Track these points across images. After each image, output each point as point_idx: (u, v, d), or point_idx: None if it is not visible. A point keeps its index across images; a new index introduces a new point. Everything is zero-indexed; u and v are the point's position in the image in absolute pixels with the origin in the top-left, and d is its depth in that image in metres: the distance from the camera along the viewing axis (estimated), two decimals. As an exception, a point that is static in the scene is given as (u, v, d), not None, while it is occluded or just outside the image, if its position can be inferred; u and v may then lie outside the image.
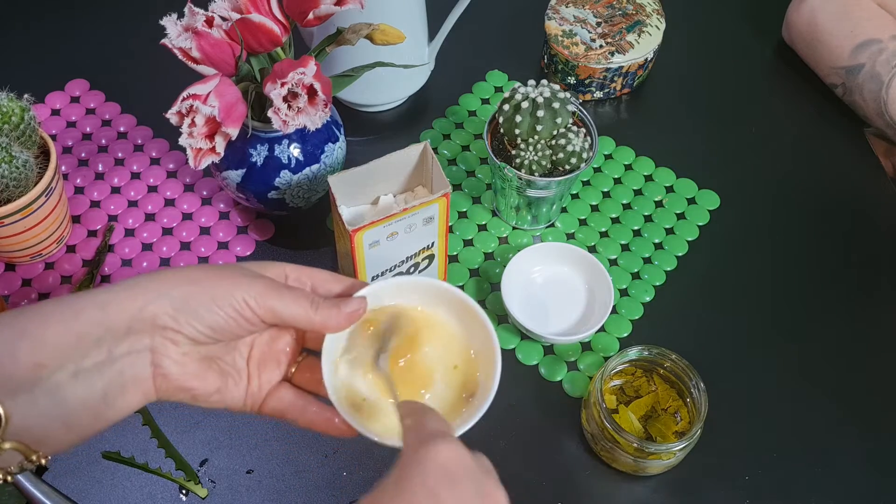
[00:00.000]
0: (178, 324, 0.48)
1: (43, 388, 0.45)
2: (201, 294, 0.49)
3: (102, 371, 0.47)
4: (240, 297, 0.49)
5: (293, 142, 0.78)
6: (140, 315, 0.48)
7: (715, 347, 0.82)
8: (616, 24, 0.97)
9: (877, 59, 0.92)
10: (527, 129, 0.81)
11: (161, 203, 0.89)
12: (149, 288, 0.48)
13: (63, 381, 0.46)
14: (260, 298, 0.49)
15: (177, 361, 0.49)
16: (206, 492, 0.72)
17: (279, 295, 0.50)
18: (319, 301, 0.51)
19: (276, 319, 0.51)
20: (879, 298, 0.86)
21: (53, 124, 0.94)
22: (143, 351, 0.48)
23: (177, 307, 0.48)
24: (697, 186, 0.93)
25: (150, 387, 0.49)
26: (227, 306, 0.49)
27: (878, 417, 0.78)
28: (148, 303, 0.48)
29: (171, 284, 0.49)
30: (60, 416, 0.46)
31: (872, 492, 0.74)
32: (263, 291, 0.50)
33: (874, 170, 0.96)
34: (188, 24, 0.70)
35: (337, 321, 0.52)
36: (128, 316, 0.47)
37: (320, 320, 0.51)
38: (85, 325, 0.47)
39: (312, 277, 0.54)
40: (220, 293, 0.49)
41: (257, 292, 0.49)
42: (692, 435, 0.69)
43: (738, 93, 1.02)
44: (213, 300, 0.49)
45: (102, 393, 0.47)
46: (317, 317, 0.51)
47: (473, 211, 0.90)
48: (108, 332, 0.47)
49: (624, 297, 0.84)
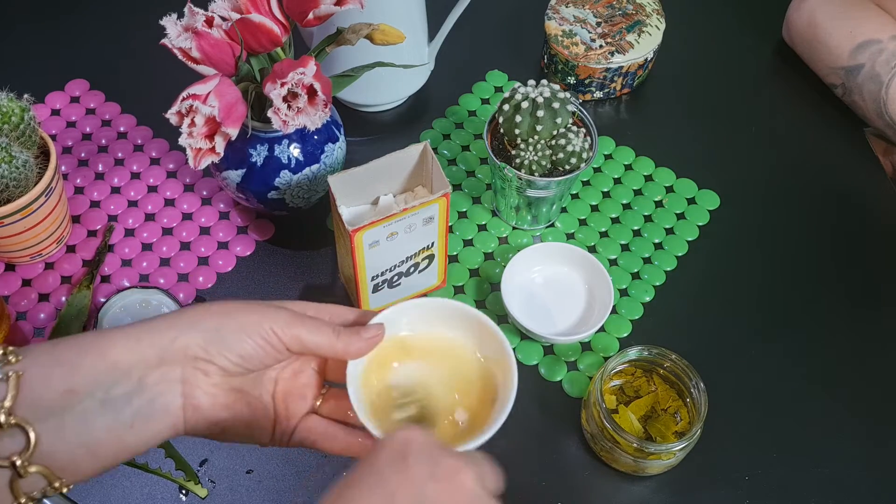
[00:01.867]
0: (209, 354, 0.50)
1: (72, 415, 0.46)
2: (231, 324, 0.51)
3: (132, 399, 0.48)
4: (267, 327, 0.51)
5: (293, 142, 0.78)
6: (172, 346, 0.49)
7: (715, 348, 0.82)
8: (616, 23, 0.97)
9: (876, 59, 0.92)
10: (527, 129, 0.81)
11: (161, 203, 0.89)
12: (180, 321, 0.50)
13: (92, 409, 0.47)
14: (286, 327, 0.51)
15: (207, 392, 0.51)
16: (206, 492, 0.72)
17: (303, 324, 0.52)
18: (340, 329, 0.54)
19: (301, 348, 0.53)
20: (880, 298, 0.86)
21: (53, 124, 0.94)
22: (174, 381, 0.50)
23: (208, 338, 0.50)
24: (697, 186, 0.93)
25: (178, 418, 0.50)
26: (256, 335, 0.51)
27: (879, 417, 0.78)
28: (180, 334, 0.49)
29: (201, 317, 0.51)
30: (86, 442, 0.47)
31: (872, 492, 0.74)
32: (289, 321, 0.52)
33: (873, 169, 0.96)
34: (188, 24, 0.70)
35: (358, 347, 0.54)
36: (160, 347, 0.49)
37: (342, 346, 0.53)
38: (118, 354, 0.48)
39: (327, 311, 0.56)
40: (249, 323, 0.51)
41: (284, 322, 0.52)
42: (692, 435, 0.69)
43: (738, 93, 1.02)
44: (242, 329, 0.51)
45: (130, 422, 0.48)
46: (339, 343, 0.53)
47: (473, 211, 0.90)
48: (140, 361, 0.48)
49: (624, 297, 0.84)
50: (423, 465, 0.44)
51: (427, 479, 0.44)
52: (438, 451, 0.46)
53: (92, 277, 0.83)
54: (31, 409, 0.45)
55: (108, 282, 0.84)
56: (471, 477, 0.45)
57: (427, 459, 0.45)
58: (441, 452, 0.46)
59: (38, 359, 0.47)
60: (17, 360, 0.46)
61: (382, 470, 0.44)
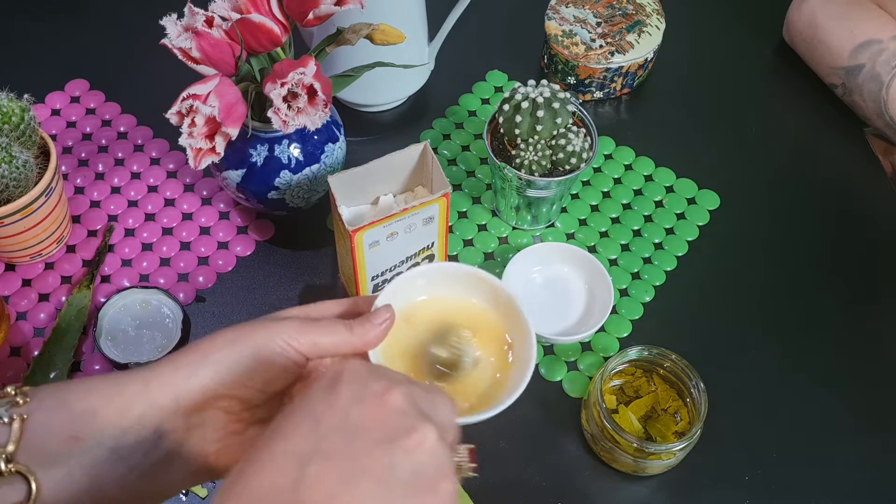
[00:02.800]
0: (228, 389, 0.47)
1: (78, 463, 0.44)
2: (243, 350, 0.48)
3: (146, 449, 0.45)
4: (281, 341, 0.48)
5: (293, 142, 0.78)
6: (186, 386, 0.46)
7: (715, 347, 0.82)
8: (616, 24, 0.97)
9: (877, 59, 0.92)
10: (527, 130, 0.81)
11: (161, 203, 0.89)
12: (190, 359, 0.47)
13: (100, 458, 0.44)
14: (299, 336, 0.49)
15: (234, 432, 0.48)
16: (206, 492, 0.72)
17: (315, 327, 0.50)
18: (352, 323, 0.51)
19: (319, 352, 0.50)
20: (880, 298, 0.86)
21: (53, 124, 0.94)
22: (194, 427, 0.47)
23: (223, 371, 0.47)
24: (697, 186, 0.93)
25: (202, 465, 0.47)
26: (272, 353, 0.48)
27: (879, 417, 0.78)
28: (193, 373, 0.47)
29: (210, 350, 0.48)
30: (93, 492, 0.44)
31: (872, 492, 0.74)
32: (300, 328, 0.49)
33: (874, 170, 0.96)
34: (188, 24, 0.70)
35: (374, 335, 0.52)
36: (173, 389, 0.46)
37: (359, 339, 0.51)
38: (126, 400, 0.45)
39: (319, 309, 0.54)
40: (261, 344, 0.48)
41: (295, 331, 0.49)
42: (692, 435, 0.69)
43: (739, 93, 1.02)
44: (256, 354, 0.48)
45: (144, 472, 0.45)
46: (354, 337, 0.51)
47: (473, 211, 0.90)
48: (152, 407, 0.46)
49: (624, 297, 0.84)
50: (350, 388, 0.42)
51: (352, 403, 0.41)
52: (369, 375, 0.43)
53: (92, 277, 0.83)
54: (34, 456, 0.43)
55: (109, 282, 0.84)
56: (399, 396, 0.42)
57: (355, 383, 0.42)
58: (372, 375, 0.43)
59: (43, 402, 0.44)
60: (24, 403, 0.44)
61: (311, 399, 0.42)
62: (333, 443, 0.39)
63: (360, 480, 0.38)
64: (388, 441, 0.40)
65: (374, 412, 0.41)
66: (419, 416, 0.42)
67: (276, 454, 0.39)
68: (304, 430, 0.40)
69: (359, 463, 0.39)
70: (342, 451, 0.39)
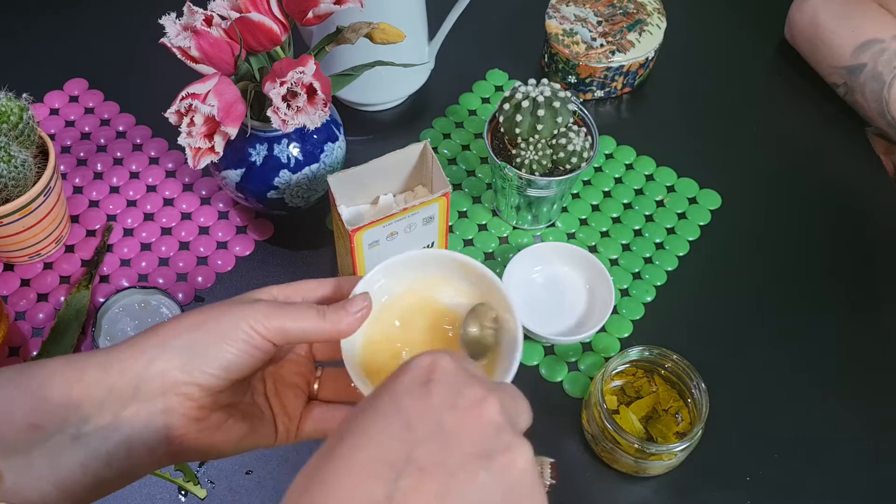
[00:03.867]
0: (189, 375, 0.46)
1: (40, 451, 0.43)
2: (207, 336, 0.46)
3: (107, 435, 0.45)
4: (246, 327, 0.47)
5: (292, 141, 0.77)
6: (146, 373, 0.45)
7: (716, 348, 0.82)
8: (617, 22, 0.97)
9: (879, 58, 0.91)
10: (527, 129, 0.80)
11: (160, 203, 0.89)
12: (150, 343, 0.46)
13: (62, 445, 0.44)
14: (266, 321, 0.47)
15: (195, 418, 0.47)
16: (205, 493, 0.72)
17: (283, 313, 0.48)
18: (324, 309, 0.49)
19: (287, 339, 0.48)
20: (881, 298, 0.86)
21: (52, 124, 0.94)
22: (154, 413, 0.46)
23: (184, 357, 0.46)
24: (699, 186, 0.92)
25: (162, 451, 0.46)
26: (237, 340, 0.47)
27: (880, 418, 0.78)
28: (153, 358, 0.45)
29: (172, 335, 0.46)
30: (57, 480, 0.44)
31: (872, 492, 0.74)
32: (267, 313, 0.47)
33: (875, 169, 0.95)
34: (187, 22, 0.70)
35: (347, 323, 0.49)
36: (133, 375, 0.45)
37: (331, 327, 0.49)
38: (87, 387, 0.44)
39: (299, 291, 0.52)
40: (226, 329, 0.47)
41: (261, 315, 0.47)
42: (693, 436, 0.69)
43: (740, 92, 1.02)
44: (220, 339, 0.46)
45: (106, 458, 0.45)
46: (326, 324, 0.49)
47: (474, 210, 0.90)
48: (112, 394, 0.45)
49: (625, 297, 0.84)
50: (445, 392, 0.40)
51: (446, 408, 0.39)
52: (464, 379, 0.41)
53: (91, 277, 0.82)
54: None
55: (107, 282, 0.84)
56: (495, 407, 0.40)
57: (450, 387, 0.40)
58: (467, 380, 0.41)
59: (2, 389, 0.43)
60: None
61: (401, 396, 0.39)
62: (428, 453, 0.38)
63: (456, 499, 0.37)
64: (485, 456, 0.38)
65: (469, 421, 0.39)
66: (514, 432, 0.41)
67: (367, 462, 0.37)
68: (395, 435, 0.38)
69: (455, 479, 0.37)
70: (438, 463, 0.37)
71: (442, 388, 0.40)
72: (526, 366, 0.80)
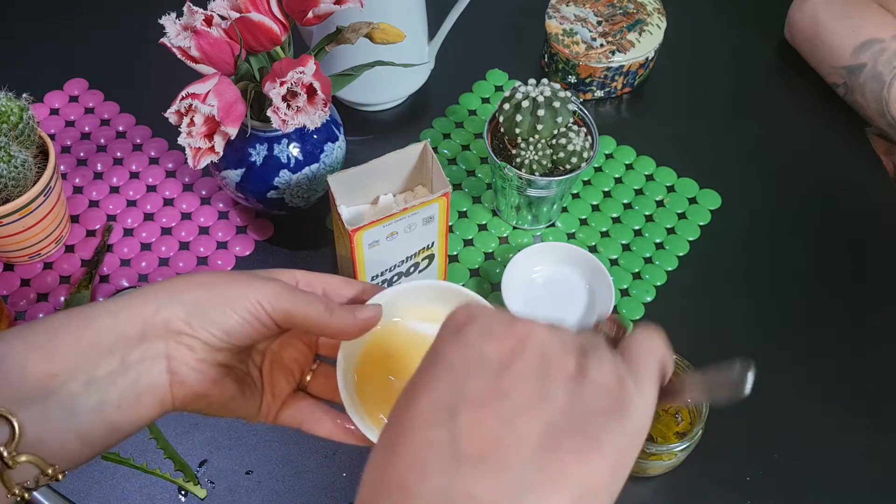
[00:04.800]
0: (192, 328, 0.47)
1: (56, 399, 0.44)
2: (214, 298, 0.48)
3: (116, 379, 0.46)
4: (253, 300, 0.48)
5: (292, 141, 0.77)
6: (153, 320, 0.47)
7: (716, 348, 0.82)
8: (617, 22, 0.96)
9: (878, 58, 0.91)
10: (527, 129, 0.80)
11: (160, 203, 0.89)
12: (160, 294, 0.47)
13: (76, 392, 0.45)
14: (274, 301, 0.48)
15: (193, 368, 0.48)
16: (205, 493, 0.72)
17: (293, 298, 0.49)
18: (334, 306, 0.50)
19: (291, 323, 0.49)
20: (881, 298, 0.86)
21: (52, 124, 0.94)
22: (158, 357, 0.47)
23: (190, 312, 0.47)
24: (699, 186, 0.92)
25: (166, 394, 0.48)
26: (242, 309, 0.48)
27: (879, 418, 0.78)
28: (160, 308, 0.47)
29: (183, 289, 0.48)
30: (74, 427, 0.45)
31: (873, 493, 0.74)
32: (278, 293, 0.48)
33: (875, 169, 0.95)
34: (187, 22, 0.70)
35: (353, 327, 0.50)
36: (140, 322, 0.47)
37: (335, 326, 0.49)
38: (96, 333, 0.46)
39: (323, 282, 0.53)
40: (234, 296, 0.48)
41: (271, 295, 0.48)
42: (693, 436, 0.69)
43: (740, 92, 1.02)
44: (226, 303, 0.48)
45: (117, 402, 0.46)
46: (332, 321, 0.49)
47: (474, 210, 0.90)
48: (121, 339, 0.46)
49: (625, 298, 0.84)
50: (480, 327, 0.39)
51: (483, 340, 0.39)
52: (497, 314, 0.41)
53: (91, 277, 0.82)
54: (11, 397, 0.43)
55: (107, 282, 0.84)
56: (539, 328, 0.40)
57: (484, 322, 0.40)
58: (500, 314, 0.41)
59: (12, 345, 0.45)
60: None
61: (441, 346, 0.40)
62: (477, 385, 0.37)
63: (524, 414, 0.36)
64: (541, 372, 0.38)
65: (510, 345, 0.39)
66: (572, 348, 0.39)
67: (422, 413, 0.37)
68: (442, 378, 0.38)
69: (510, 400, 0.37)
70: (490, 391, 0.37)
71: (477, 325, 0.40)
72: (526, 366, 0.80)
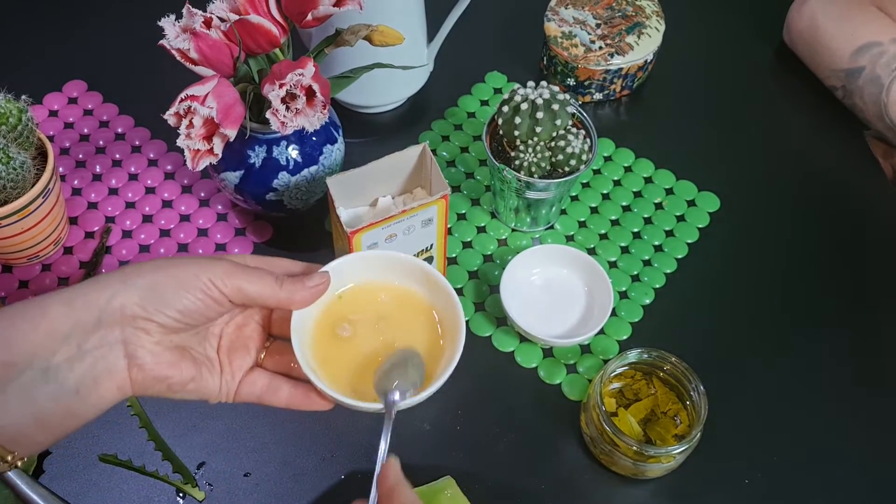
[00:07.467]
0: (147, 312, 0.49)
1: (13, 388, 0.46)
2: (167, 280, 0.50)
3: (73, 366, 0.47)
4: (205, 279, 0.50)
5: (291, 143, 0.77)
6: (108, 307, 0.48)
7: (715, 350, 0.82)
8: (616, 25, 0.97)
9: (877, 61, 0.91)
10: (526, 131, 0.80)
11: (159, 204, 0.89)
12: (114, 280, 0.49)
13: (34, 379, 0.46)
14: (226, 278, 0.51)
15: (150, 351, 0.50)
16: (204, 495, 0.72)
17: (244, 274, 0.52)
18: (284, 278, 0.53)
19: (244, 298, 0.52)
20: (879, 300, 0.86)
21: (51, 125, 0.94)
22: (114, 343, 0.49)
23: (144, 295, 0.49)
24: (697, 188, 0.92)
25: (124, 379, 0.49)
26: (195, 289, 0.50)
27: (878, 419, 0.78)
28: (115, 294, 0.49)
29: (136, 274, 0.50)
30: (33, 413, 0.46)
31: (872, 494, 0.74)
32: (229, 271, 0.51)
33: (874, 172, 0.95)
34: (186, 25, 0.70)
35: (302, 296, 0.54)
36: (95, 309, 0.48)
37: (285, 295, 0.53)
38: (52, 321, 0.47)
39: (271, 264, 0.56)
40: (187, 276, 0.50)
41: (223, 272, 0.51)
42: (692, 438, 0.69)
43: (738, 95, 1.02)
44: (179, 284, 0.50)
45: (74, 388, 0.47)
46: (282, 292, 0.53)
47: (472, 213, 0.90)
48: (77, 326, 0.47)
49: (623, 300, 0.84)
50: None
51: None
52: None
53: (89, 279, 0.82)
54: None
55: (106, 283, 0.83)
56: None
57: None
58: None
59: None
60: None
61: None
62: None
63: None
64: None
65: None
66: None
67: None
68: None
69: None
70: None
71: None
72: (524, 368, 0.80)
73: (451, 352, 0.57)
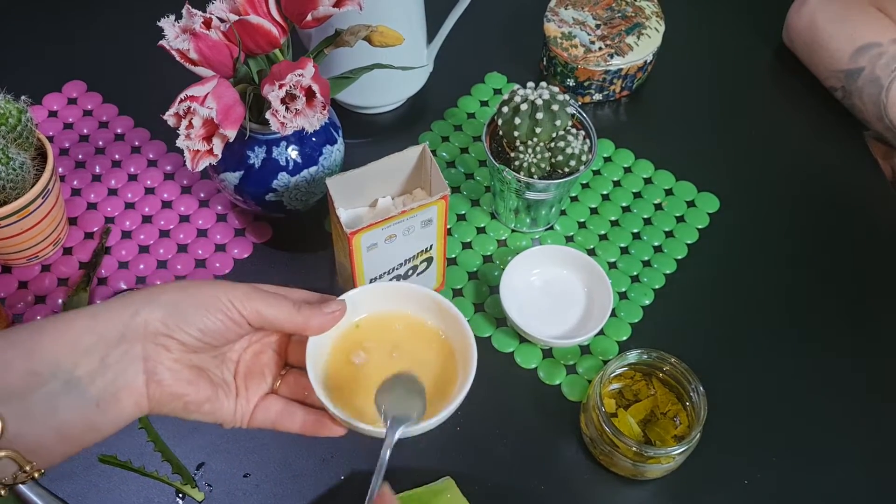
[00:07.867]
0: (168, 329, 0.50)
1: (36, 397, 0.46)
2: (190, 299, 0.51)
3: (94, 379, 0.48)
4: (226, 300, 0.52)
5: (291, 144, 0.77)
6: (132, 322, 0.49)
7: (714, 351, 0.82)
8: (615, 26, 0.97)
9: (876, 62, 0.91)
10: (526, 132, 0.80)
11: (158, 205, 0.89)
12: (138, 297, 0.51)
13: (56, 390, 0.47)
14: (246, 301, 0.52)
15: (169, 368, 0.51)
16: (203, 496, 0.72)
17: (263, 297, 0.53)
18: (301, 303, 0.55)
19: (262, 321, 0.53)
20: (879, 300, 0.86)
21: (51, 126, 0.94)
22: (135, 358, 0.50)
23: (167, 312, 0.50)
24: (697, 189, 0.92)
25: (142, 395, 0.50)
26: (215, 309, 0.51)
27: (879, 419, 0.78)
28: (139, 310, 0.50)
29: (159, 293, 0.51)
30: (54, 424, 0.47)
31: (872, 495, 0.74)
32: (248, 294, 0.53)
33: (873, 173, 0.95)
34: (186, 25, 0.70)
35: (319, 321, 0.55)
36: (119, 324, 0.49)
37: (302, 320, 0.54)
38: (77, 334, 0.48)
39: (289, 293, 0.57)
40: (208, 297, 0.52)
41: (243, 295, 0.53)
42: (691, 439, 0.69)
43: (738, 96, 1.02)
44: (201, 304, 0.51)
45: (95, 401, 0.48)
46: (299, 317, 0.54)
47: (472, 213, 0.90)
48: (100, 340, 0.48)
49: (623, 301, 0.84)
50: None
51: None
52: None
53: (88, 280, 0.82)
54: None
55: (105, 284, 0.83)
56: None
57: None
58: None
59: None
60: None
61: None
62: None
63: None
64: None
65: None
66: None
67: None
68: None
69: None
70: None
71: None
72: (524, 369, 0.80)
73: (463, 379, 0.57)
